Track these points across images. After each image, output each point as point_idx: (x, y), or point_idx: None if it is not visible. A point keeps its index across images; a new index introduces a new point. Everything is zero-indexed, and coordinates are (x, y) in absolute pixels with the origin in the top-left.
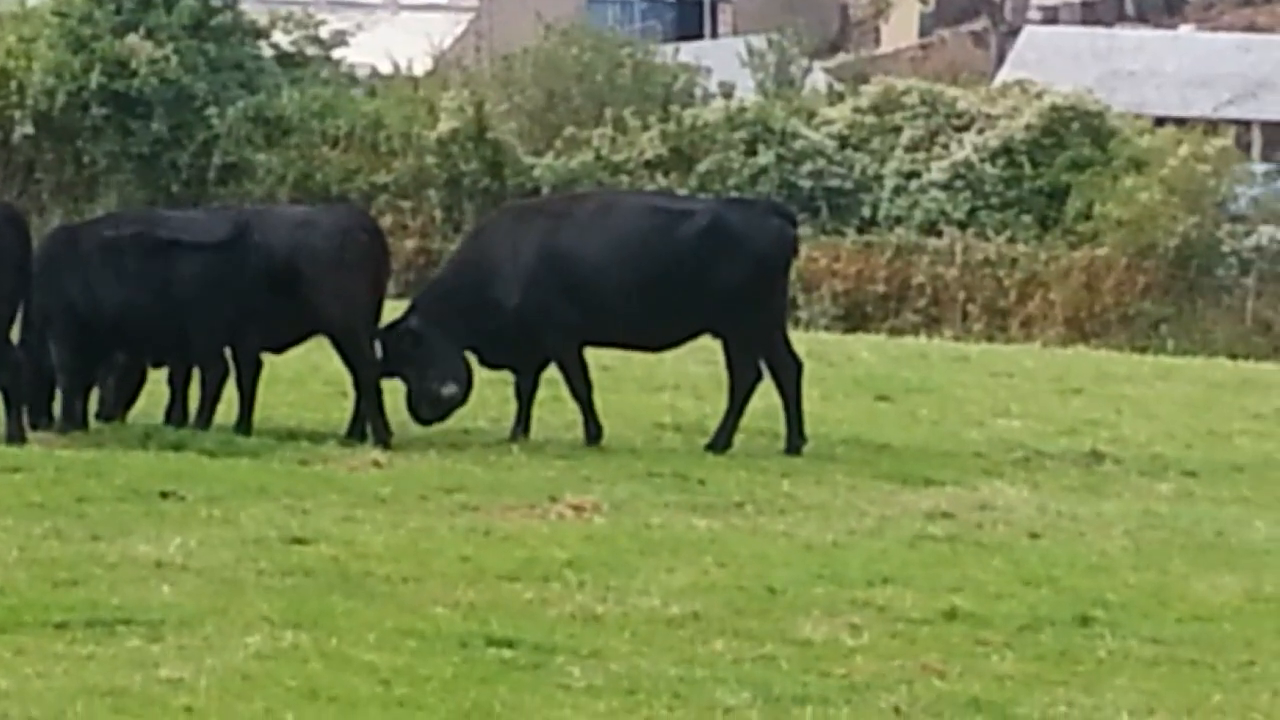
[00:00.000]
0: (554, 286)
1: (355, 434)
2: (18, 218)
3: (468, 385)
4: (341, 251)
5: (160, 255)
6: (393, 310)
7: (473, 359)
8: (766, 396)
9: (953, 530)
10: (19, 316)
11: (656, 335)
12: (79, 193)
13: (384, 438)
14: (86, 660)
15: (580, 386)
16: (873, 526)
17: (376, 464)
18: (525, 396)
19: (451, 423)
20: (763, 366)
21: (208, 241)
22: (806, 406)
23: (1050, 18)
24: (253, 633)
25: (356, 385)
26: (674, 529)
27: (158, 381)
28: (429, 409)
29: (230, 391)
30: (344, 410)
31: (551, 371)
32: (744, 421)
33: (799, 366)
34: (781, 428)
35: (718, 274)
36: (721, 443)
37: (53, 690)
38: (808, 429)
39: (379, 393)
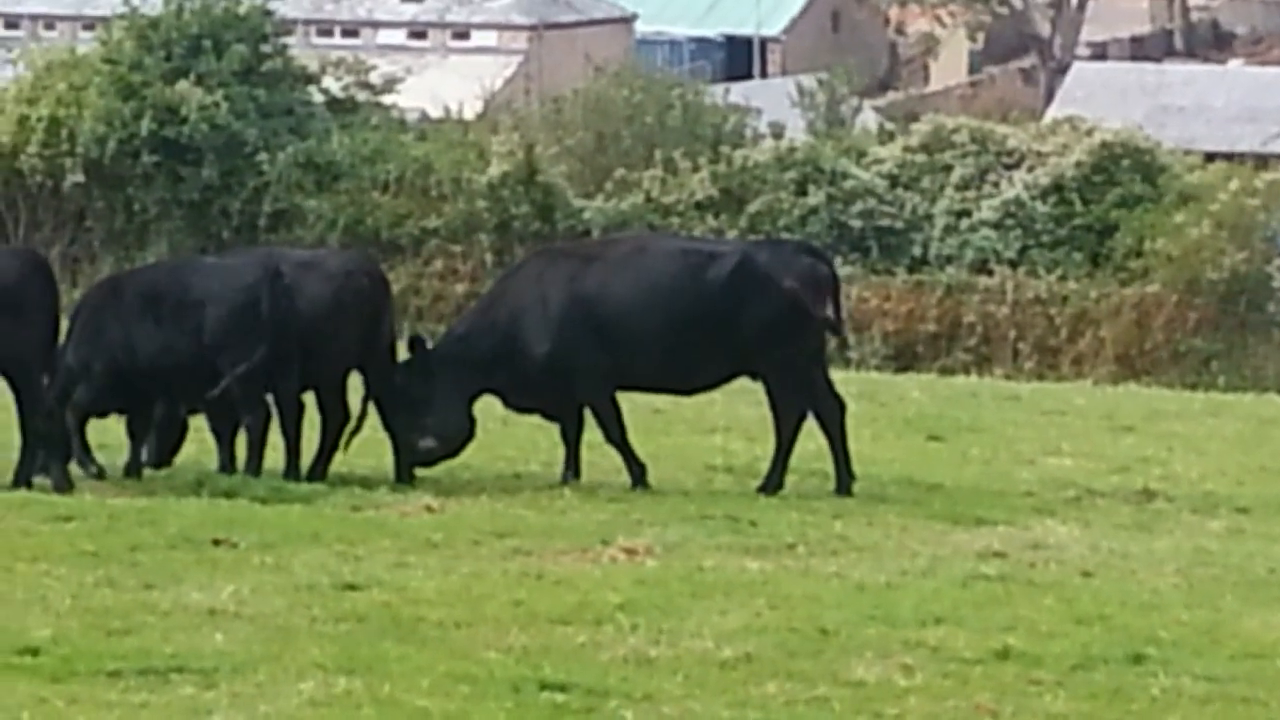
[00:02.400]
0: (584, 330)
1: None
2: (44, 264)
3: (461, 439)
4: (340, 295)
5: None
6: None
7: (497, 403)
8: (817, 438)
9: (1005, 570)
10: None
11: (689, 377)
12: (130, 240)
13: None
14: (140, 709)
15: (614, 430)
16: (925, 567)
17: (429, 509)
18: (572, 440)
19: (502, 466)
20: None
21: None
22: (857, 447)
23: (1099, 54)
24: (306, 679)
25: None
26: (726, 571)
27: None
28: (406, 456)
29: (278, 438)
30: None
31: None
32: (795, 463)
33: (842, 406)
34: (833, 468)
35: (748, 315)
36: (773, 484)
37: None
38: (859, 469)
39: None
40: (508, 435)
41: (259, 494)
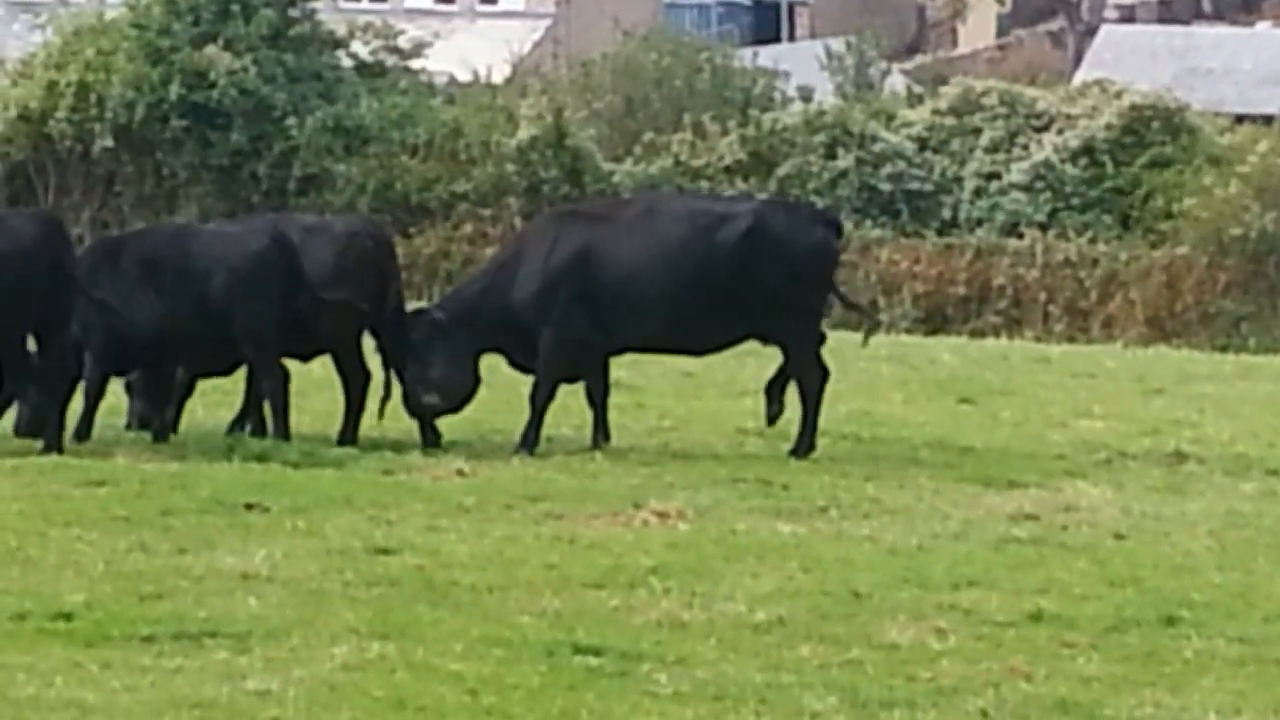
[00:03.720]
0: (576, 296)
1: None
2: (59, 224)
3: (464, 395)
4: (344, 258)
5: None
6: None
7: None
8: (849, 400)
9: (1037, 532)
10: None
11: (699, 340)
12: (159, 205)
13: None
14: (174, 673)
15: (543, 400)
16: (957, 530)
17: (460, 473)
18: (597, 402)
19: None
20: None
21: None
22: (889, 409)
23: (1127, 16)
24: (339, 644)
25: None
26: (759, 534)
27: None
28: (412, 408)
29: (328, 404)
30: None
31: (630, 378)
32: (827, 426)
33: (825, 375)
34: (868, 432)
35: (760, 277)
36: (804, 448)
37: (140, 703)
38: (890, 432)
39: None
40: None
41: (291, 458)
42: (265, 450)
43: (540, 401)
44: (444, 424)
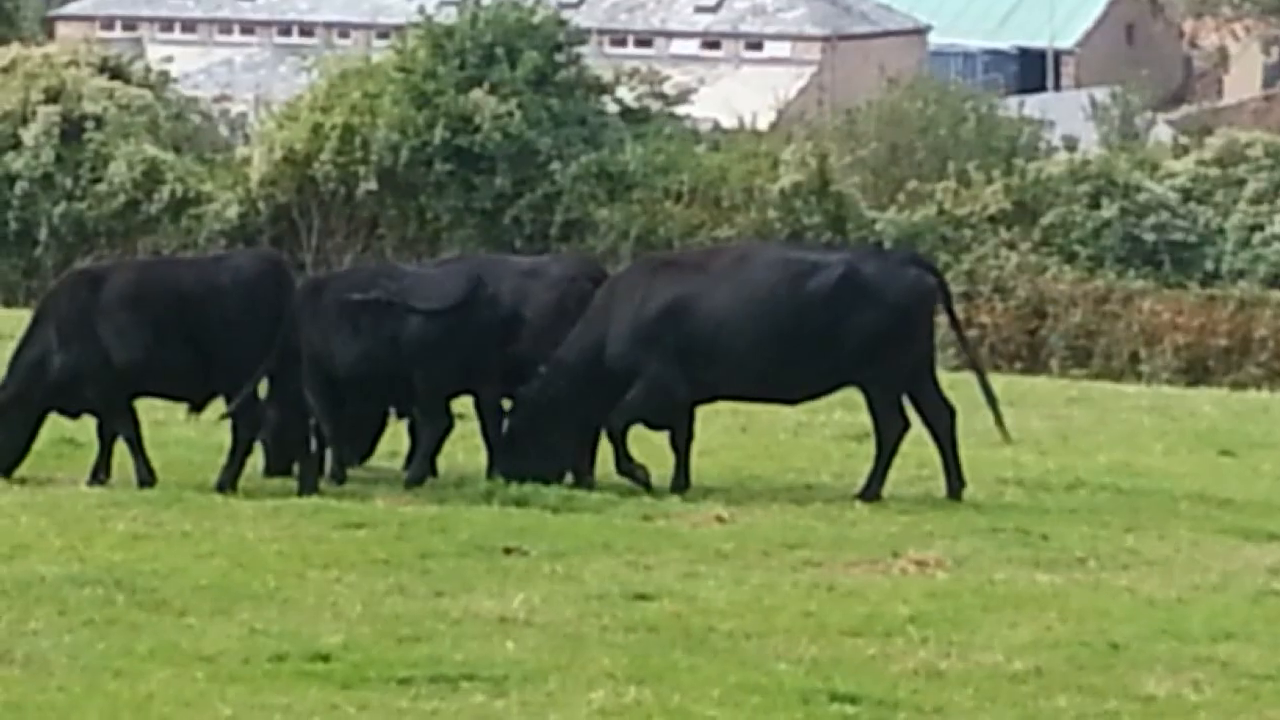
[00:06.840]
0: (668, 341)
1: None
2: (281, 263)
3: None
4: (564, 300)
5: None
6: None
7: (786, 412)
8: (1110, 451)
9: None
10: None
11: (791, 389)
12: (422, 248)
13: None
14: (431, 716)
15: (682, 442)
16: (1216, 582)
17: (719, 519)
18: (681, 448)
19: (793, 478)
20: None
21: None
22: (1149, 461)
23: None
24: (596, 688)
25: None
26: (1016, 584)
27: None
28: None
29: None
30: None
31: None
32: (1086, 476)
33: (952, 412)
34: (1128, 483)
35: (852, 327)
36: (871, 493)
37: None
38: (1150, 483)
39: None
40: (798, 446)
41: (550, 503)
42: (524, 494)
43: (684, 446)
44: (702, 470)
